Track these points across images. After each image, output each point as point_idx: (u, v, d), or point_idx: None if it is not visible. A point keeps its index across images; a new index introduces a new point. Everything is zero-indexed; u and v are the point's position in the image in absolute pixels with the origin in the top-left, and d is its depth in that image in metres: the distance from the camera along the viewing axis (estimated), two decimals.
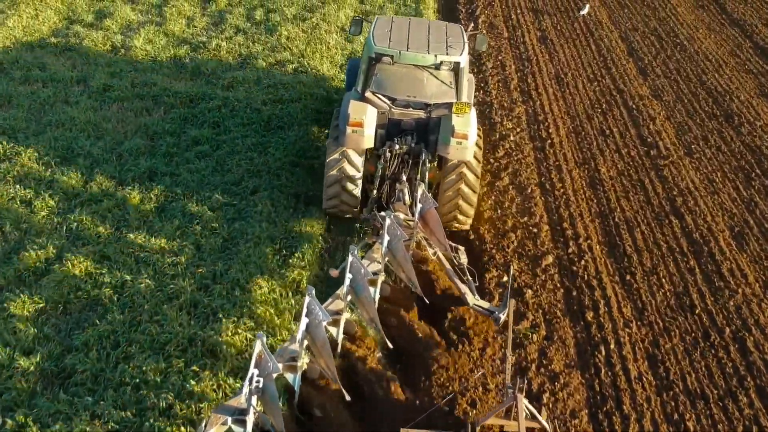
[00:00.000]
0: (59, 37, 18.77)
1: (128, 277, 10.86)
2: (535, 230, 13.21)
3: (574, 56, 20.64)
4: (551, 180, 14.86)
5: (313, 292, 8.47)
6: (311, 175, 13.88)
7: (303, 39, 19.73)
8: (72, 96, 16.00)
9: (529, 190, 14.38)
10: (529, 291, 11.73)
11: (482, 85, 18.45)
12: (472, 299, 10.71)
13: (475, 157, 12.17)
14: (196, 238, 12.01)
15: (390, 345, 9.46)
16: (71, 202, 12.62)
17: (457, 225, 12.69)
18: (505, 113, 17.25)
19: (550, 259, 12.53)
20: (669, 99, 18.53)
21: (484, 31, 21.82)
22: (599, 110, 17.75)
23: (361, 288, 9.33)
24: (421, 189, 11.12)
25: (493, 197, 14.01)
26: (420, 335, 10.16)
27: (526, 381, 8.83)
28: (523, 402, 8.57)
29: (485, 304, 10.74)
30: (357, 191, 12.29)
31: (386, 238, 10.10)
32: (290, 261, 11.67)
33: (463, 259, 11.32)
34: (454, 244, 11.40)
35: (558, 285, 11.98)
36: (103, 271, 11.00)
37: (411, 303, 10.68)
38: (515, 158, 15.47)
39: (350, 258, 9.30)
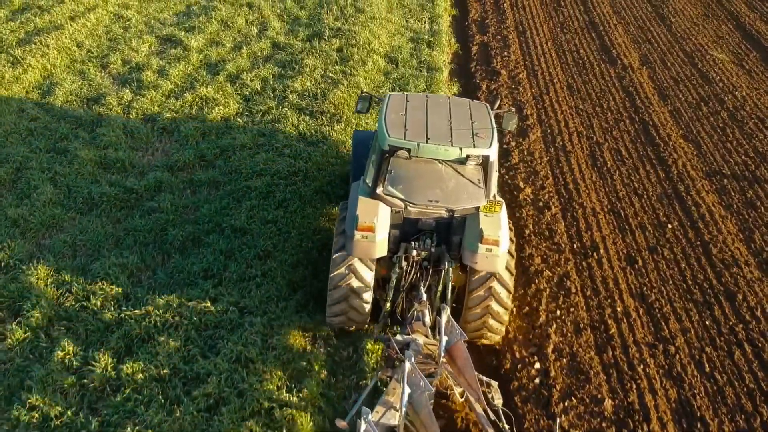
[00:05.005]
0: None
1: None
2: None
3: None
4: None
5: None
6: None
7: None
8: None
9: None
10: None
11: None
12: None
13: (507, 267, 10.37)
14: None
15: None
16: None
17: (485, 341, 11.00)
18: None
19: None
20: None
21: (513, 108, 18.04)
22: None
23: None
24: (445, 316, 9.36)
25: None
26: None
27: None
28: None
29: None
30: (367, 306, 10.59)
31: (407, 390, 8.37)
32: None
33: (498, 399, 9.63)
34: (486, 379, 9.77)
35: None
36: None
37: None
38: None
39: (363, 426, 7.70)
